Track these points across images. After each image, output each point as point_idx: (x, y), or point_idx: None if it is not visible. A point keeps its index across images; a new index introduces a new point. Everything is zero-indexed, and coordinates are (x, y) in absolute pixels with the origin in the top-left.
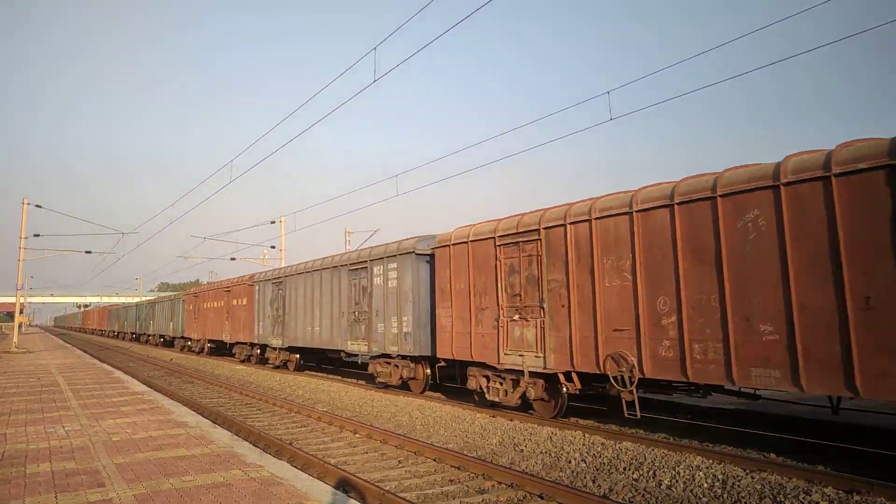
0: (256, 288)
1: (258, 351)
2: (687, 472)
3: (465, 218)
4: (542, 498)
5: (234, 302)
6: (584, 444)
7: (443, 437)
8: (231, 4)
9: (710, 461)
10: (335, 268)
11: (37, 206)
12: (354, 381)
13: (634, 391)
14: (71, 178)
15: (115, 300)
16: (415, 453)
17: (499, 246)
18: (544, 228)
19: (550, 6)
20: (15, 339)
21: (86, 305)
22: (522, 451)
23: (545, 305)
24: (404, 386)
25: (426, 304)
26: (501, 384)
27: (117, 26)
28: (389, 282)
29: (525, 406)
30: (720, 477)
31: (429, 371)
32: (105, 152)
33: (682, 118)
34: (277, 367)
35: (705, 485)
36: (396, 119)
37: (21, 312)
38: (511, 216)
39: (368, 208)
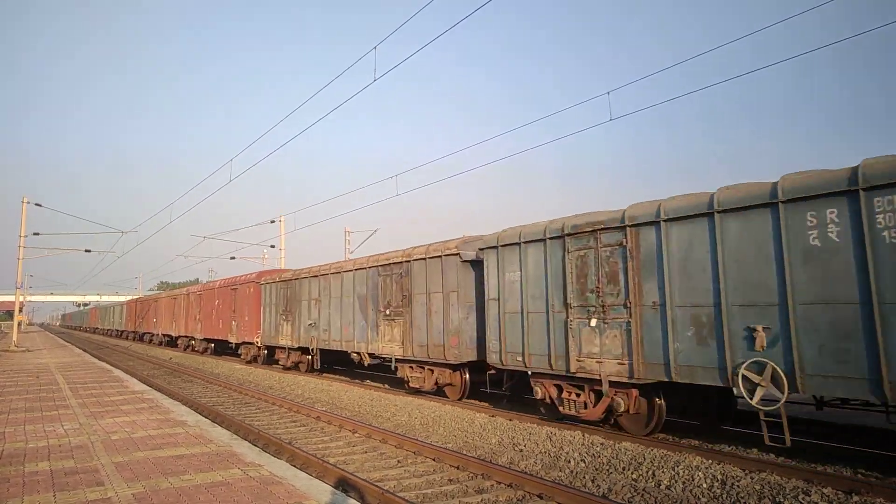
0: None
1: None
2: (686, 472)
3: (464, 218)
4: (541, 498)
5: None
6: (583, 444)
7: (442, 437)
8: (232, 3)
9: (710, 461)
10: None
11: (36, 204)
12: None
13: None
14: (71, 177)
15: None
16: (414, 453)
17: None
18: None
19: (549, 8)
20: (14, 338)
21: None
22: (522, 450)
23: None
24: None
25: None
26: None
27: (119, 25)
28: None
29: None
30: (719, 477)
31: None
32: (105, 151)
33: (678, 120)
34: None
35: (704, 485)
36: (397, 119)
37: (20, 311)
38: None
39: (368, 208)
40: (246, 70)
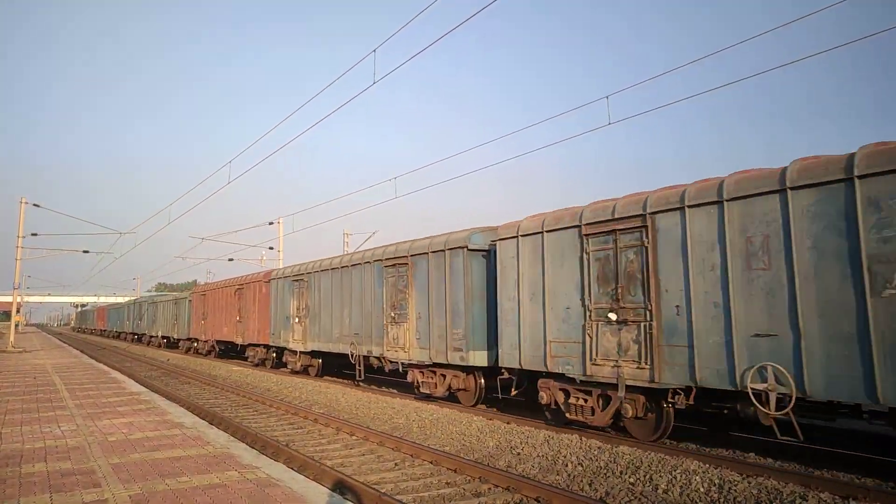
0: None
1: None
2: (683, 476)
3: (463, 219)
4: (538, 501)
5: None
6: (580, 448)
7: (439, 440)
8: (232, 7)
9: (707, 465)
10: None
11: (35, 205)
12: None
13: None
14: (69, 178)
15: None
16: (411, 456)
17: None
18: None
19: (547, 13)
20: (11, 339)
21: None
22: (519, 454)
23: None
24: None
25: None
26: None
27: (122, 29)
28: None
29: None
30: (716, 481)
31: None
32: (104, 152)
33: (676, 122)
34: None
35: (701, 489)
36: (396, 122)
37: (17, 311)
38: None
39: (367, 210)
40: (247, 72)
